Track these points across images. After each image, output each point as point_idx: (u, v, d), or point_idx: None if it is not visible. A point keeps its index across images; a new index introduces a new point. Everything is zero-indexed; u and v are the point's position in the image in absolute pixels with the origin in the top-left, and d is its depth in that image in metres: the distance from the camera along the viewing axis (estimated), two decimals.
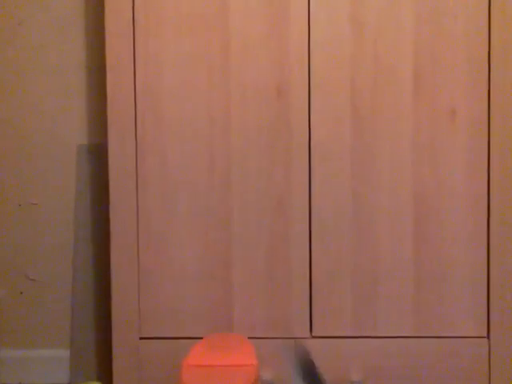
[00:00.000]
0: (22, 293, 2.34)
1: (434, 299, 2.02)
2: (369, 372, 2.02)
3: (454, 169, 2.01)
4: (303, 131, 2.01)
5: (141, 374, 2.05)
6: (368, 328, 2.03)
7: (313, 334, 2.04)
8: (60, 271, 2.33)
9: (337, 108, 2.00)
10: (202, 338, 1.83)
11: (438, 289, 2.02)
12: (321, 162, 2.01)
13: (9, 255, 2.34)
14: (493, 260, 2.00)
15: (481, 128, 1.99)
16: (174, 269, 2.04)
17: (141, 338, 2.05)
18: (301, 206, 2.02)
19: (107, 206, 2.04)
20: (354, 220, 2.02)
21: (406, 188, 2.01)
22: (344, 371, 2.02)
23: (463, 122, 2.00)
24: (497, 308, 2.01)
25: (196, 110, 2.02)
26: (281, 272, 2.03)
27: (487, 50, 1.98)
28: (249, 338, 1.86)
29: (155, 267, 2.04)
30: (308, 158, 2.01)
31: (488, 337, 2.02)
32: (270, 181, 2.02)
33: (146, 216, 2.04)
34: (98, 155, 2.26)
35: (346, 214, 2.01)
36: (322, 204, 2.01)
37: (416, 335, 2.03)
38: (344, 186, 2.01)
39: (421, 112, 2.00)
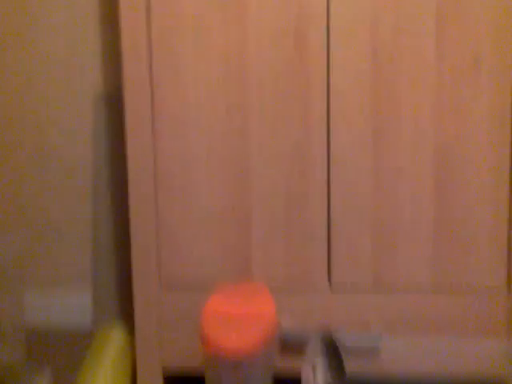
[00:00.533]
0: (44, 237, 2.37)
1: (453, 249, 1.99)
2: (388, 325, 2.00)
3: (477, 118, 1.96)
4: (322, 77, 1.97)
5: (162, 314, 2.05)
6: (387, 282, 2.01)
7: (332, 289, 2.03)
8: (81, 216, 2.37)
9: (356, 54, 1.96)
10: (220, 285, 1.83)
11: (458, 239, 1.99)
12: (339, 110, 1.98)
13: (30, 200, 2.38)
14: None
15: (505, 76, 1.95)
16: (193, 215, 2.03)
17: (161, 280, 2.05)
18: (320, 153, 1.99)
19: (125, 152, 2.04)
20: (374, 167, 1.99)
21: (427, 138, 1.97)
22: (363, 325, 2.01)
23: (487, 69, 1.95)
24: None
25: (210, 49, 1.99)
26: (300, 223, 2.01)
27: None
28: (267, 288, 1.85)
29: (173, 213, 2.03)
30: (326, 107, 1.98)
31: (509, 287, 1.99)
32: (289, 126, 1.99)
33: (164, 161, 2.02)
34: (114, 105, 2.26)
35: (366, 161, 1.98)
36: (341, 151, 1.99)
37: (435, 287, 2.01)
38: (364, 135, 1.98)
39: (444, 59, 1.95)
